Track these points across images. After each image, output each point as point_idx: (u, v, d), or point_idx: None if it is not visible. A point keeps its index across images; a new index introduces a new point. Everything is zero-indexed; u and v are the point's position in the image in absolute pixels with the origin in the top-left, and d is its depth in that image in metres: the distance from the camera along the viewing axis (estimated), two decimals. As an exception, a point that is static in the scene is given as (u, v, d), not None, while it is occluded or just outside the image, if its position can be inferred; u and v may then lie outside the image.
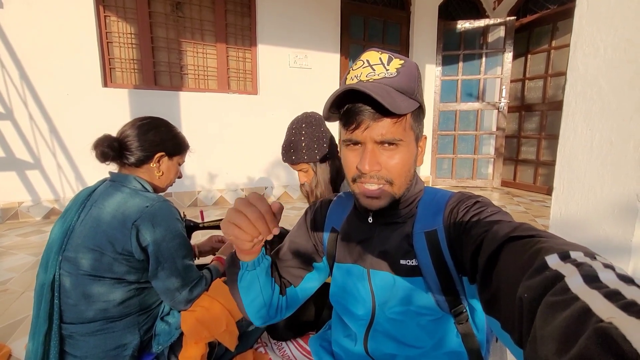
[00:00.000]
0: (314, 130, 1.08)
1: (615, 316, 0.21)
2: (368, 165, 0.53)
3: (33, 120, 2.75)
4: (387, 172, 0.54)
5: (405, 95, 0.52)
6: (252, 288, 0.62)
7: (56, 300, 0.80)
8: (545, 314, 0.27)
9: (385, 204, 0.56)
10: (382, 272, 0.60)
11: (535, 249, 0.34)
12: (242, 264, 0.61)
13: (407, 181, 0.57)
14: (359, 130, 0.53)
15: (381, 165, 0.54)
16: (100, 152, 0.86)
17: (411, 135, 0.55)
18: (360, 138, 0.53)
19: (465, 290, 0.56)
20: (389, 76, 0.52)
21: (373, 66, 0.53)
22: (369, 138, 0.52)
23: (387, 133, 0.52)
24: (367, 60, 0.54)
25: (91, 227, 0.82)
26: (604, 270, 0.27)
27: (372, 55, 0.54)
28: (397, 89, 0.51)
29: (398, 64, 0.53)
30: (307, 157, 1.08)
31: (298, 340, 1.09)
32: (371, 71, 0.52)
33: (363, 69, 0.53)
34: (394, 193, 0.56)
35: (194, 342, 0.87)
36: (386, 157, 0.54)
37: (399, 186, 0.56)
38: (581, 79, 1.19)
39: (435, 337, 0.59)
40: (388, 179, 0.54)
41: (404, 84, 0.52)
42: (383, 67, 0.53)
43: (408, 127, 0.54)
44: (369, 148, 0.53)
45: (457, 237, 0.53)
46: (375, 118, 0.51)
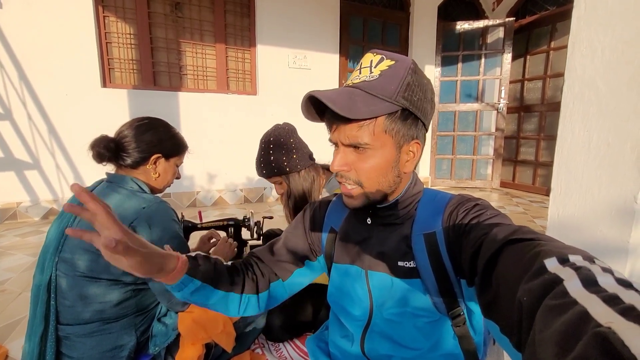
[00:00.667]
0: (282, 142, 1.09)
1: (614, 321, 0.21)
2: (336, 165, 0.55)
3: (32, 120, 2.75)
4: (355, 174, 0.55)
5: (377, 98, 0.51)
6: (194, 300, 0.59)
7: (52, 302, 0.80)
8: (544, 318, 0.27)
9: (359, 204, 0.57)
10: (380, 274, 0.60)
11: (534, 252, 0.34)
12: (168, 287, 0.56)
13: (381, 185, 0.56)
14: (332, 132, 0.56)
15: (350, 166, 0.55)
16: (97, 153, 0.86)
17: (386, 139, 0.53)
18: (335, 139, 0.56)
19: (463, 292, 0.56)
20: (369, 79, 0.53)
21: (362, 69, 0.55)
22: (339, 140, 0.55)
23: (351, 136, 0.53)
24: (361, 63, 0.56)
25: (87, 228, 0.82)
26: (603, 274, 0.27)
27: (367, 57, 0.55)
28: (370, 91, 0.51)
29: (386, 66, 0.53)
30: (277, 170, 1.10)
31: (295, 341, 1.09)
32: (358, 74, 0.55)
33: (355, 72, 0.56)
34: (367, 195, 0.56)
35: (191, 343, 0.87)
36: (355, 159, 0.55)
37: (369, 189, 0.56)
38: (579, 80, 1.19)
39: (432, 339, 0.59)
40: (356, 180, 0.56)
41: (382, 87, 0.51)
42: (369, 69, 0.54)
43: (379, 131, 0.52)
44: (341, 149, 0.56)
45: (456, 239, 0.53)
46: (344, 121, 0.52)
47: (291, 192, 1.11)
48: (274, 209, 3.34)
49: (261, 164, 1.12)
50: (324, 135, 1.21)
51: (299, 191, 1.11)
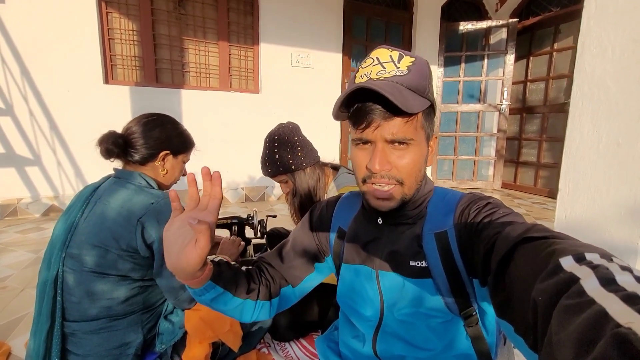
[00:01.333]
0: (286, 140, 1.09)
1: (634, 321, 0.21)
2: (378, 164, 0.51)
3: (33, 116, 2.73)
4: (397, 172, 0.53)
5: (416, 94, 0.51)
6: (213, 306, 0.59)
7: (59, 298, 0.79)
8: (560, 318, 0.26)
9: (395, 205, 0.55)
10: (391, 274, 0.59)
11: (549, 251, 0.33)
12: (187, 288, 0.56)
13: (417, 181, 0.56)
14: (369, 129, 0.51)
15: (391, 164, 0.52)
16: (105, 149, 0.85)
17: (422, 134, 0.54)
18: (371, 137, 0.52)
19: (475, 292, 0.55)
20: (400, 74, 0.51)
21: (383, 64, 0.52)
22: (379, 137, 0.51)
23: (398, 132, 0.51)
24: (377, 57, 0.53)
25: (95, 223, 0.81)
26: (622, 272, 0.27)
27: (383, 52, 0.53)
28: (409, 87, 0.51)
29: (409, 62, 0.52)
30: (283, 169, 1.10)
31: (301, 341, 1.08)
32: (382, 69, 0.51)
33: (373, 66, 0.52)
34: (404, 194, 0.55)
35: (198, 342, 0.86)
36: (396, 157, 0.52)
37: (409, 186, 0.55)
38: (588, 79, 1.18)
39: (445, 339, 0.58)
40: (398, 178, 0.53)
41: (415, 82, 0.51)
42: (394, 64, 0.52)
43: (419, 126, 0.53)
44: (379, 147, 0.52)
45: (468, 238, 0.52)
46: (386, 117, 0.50)
47: (297, 190, 1.11)
48: (275, 207, 3.33)
49: (266, 163, 1.11)
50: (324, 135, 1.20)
51: (304, 189, 1.10)
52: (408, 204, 0.58)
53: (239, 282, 0.60)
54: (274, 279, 0.68)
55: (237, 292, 0.59)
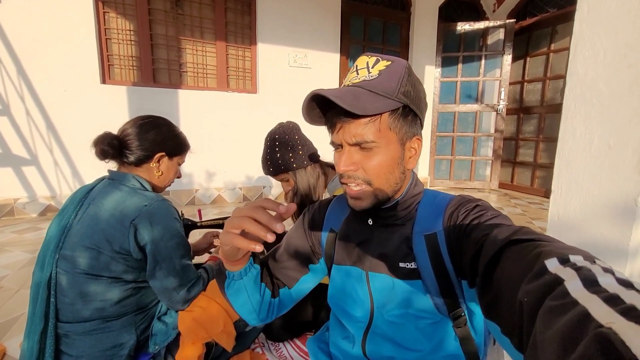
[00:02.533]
0: (287, 139, 1.11)
1: (614, 321, 0.21)
2: (343, 165, 0.54)
3: (30, 116, 2.73)
4: (363, 173, 0.55)
5: (380, 96, 0.52)
6: (239, 295, 0.62)
7: (52, 299, 0.79)
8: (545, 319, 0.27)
9: (368, 205, 0.56)
10: (381, 275, 0.60)
11: (535, 253, 0.34)
12: (228, 274, 0.61)
13: (389, 182, 0.56)
14: (335, 133, 0.55)
15: (357, 165, 0.55)
16: (100, 150, 0.85)
17: (390, 136, 0.54)
18: (338, 140, 0.55)
19: (464, 294, 0.56)
20: (369, 79, 0.53)
21: (359, 70, 0.55)
22: (343, 140, 0.54)
23: (357, 135, 0.52)
24: (357, 65, 0.56)
25: (89, 225, 0.82)
26: (604, 274, 0.27)
27: (362, 60, 0.56)
28: (372, 89, 0.52)
29: (383, 66, 0.54)
30: (284, 167, 1.11)
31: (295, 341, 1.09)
32: (355, 75, 0.55)
33: (351, 74, 0.56)
34: (376, 194, 0.56)
35: (191, 343, 0.87)
36: (362, 158, 0.55)
37: (378, 187, 0.55)
38: (580, 82, 1.19)
39: (433, 340, 0.59)
40: (365, 179, 0.55)
41: (383, 85, 0.52)
42: (366, 70, 0.54)
43: (384, 128, 0.53)
44: (346, 149, 0.55)
45: (457, 240, 0.52)
46: (346, 120, 0.53)
47: (297, 188, 1.12)
48: (273, 207, 3.33)
49: (268, 162, 1.12)
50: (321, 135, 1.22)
51: (304, 188, 1.12)
52: (398, 205, 0.59)
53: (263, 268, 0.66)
54: (272, 280, 0.69)
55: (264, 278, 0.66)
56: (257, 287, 0.63)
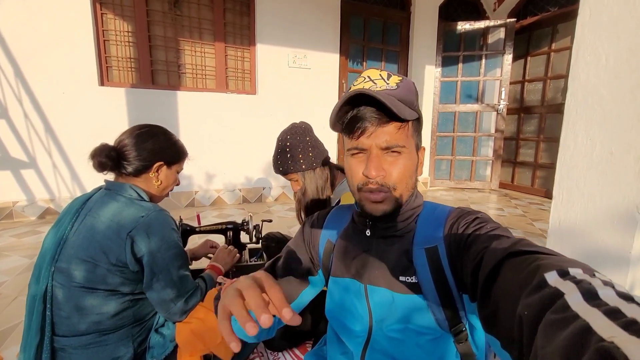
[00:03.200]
0: (298, 140, 1.12)
1: (616, 335, 0.21)
2: (374, 170, 0.53)
3: (28, 118, 2.72)
4: (390, 179, 0.55)
5: (406, 106, 0.54)
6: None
7: (48, 312, 0.79)
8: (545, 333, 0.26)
9: (389, 209, 0.56)
10: (381, 289, 0.59)
11: (535, 266, 0.34)
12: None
13: (408, 188, 0.58)
14: (363, 137, 0.54)
15: (385, 171, 0.55)
16: (98, 163, 0.85)
17: (412, 143, 0.57)
18: (365, 145, 0.54)
19: (465, 308, 0.55)
20: (390, 89, 0.53)
21: (374, 81, 0.55)
22: (373, 144, 0.54)
23: (391, 139, 0.53)
24: (369, 76, 0.56)
25: (85, 237, 0.81)
26: (604, 287, 0.27)
27: (373, 72, 0.57)
28: (399, 99, 0.53)
29: (397, 80, 0.56)
30: (293, 168, 1.12)
31: (294, 350, 1.08)
32: (373, 84, 0.54)
33: (365, 83, 0.55)
34: (397, 198, 0.57)
35: (189, 355, 0.86)
36: (389, 164, 0.55)
37: (400, 192, 0.56)
38: (582, 87, 1.18)
39: (434, 356, 0.58)
40: (391, 184, 0.55)
41: (404, 96, 0.54)
42: (384, 81, 0.55)
43: (410, 135, 0.56)
44: (374, 153, 0.54)
45: (457, 253, 0.52)
46: (381, 124, 0.53)
47: (306, 189, 1.13)
48: (272, 209, 3.33)
49: (278, 162, 1.14)
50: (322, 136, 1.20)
51: (312, 189, 1.13)
52: (398, 216, 0.58)
53: None
54: None
55: None
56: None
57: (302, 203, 1.16)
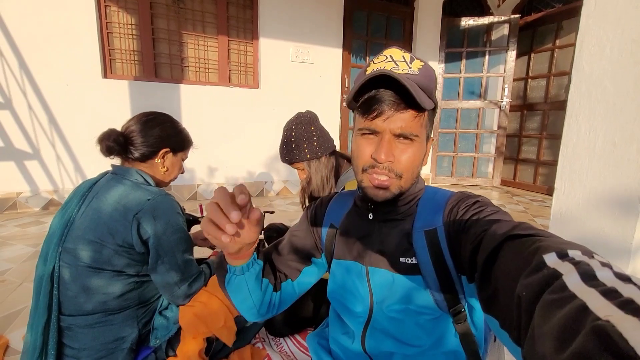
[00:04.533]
0: (303, 130, 1.12)
1: (612, 314, 0.21)
2: (384, 154, 0.53)
3: (32, 110, 2.73)
4: (397, 165, 0.55)
5: (425, 94, 0.53)
6: (240, 291, 0.61)
7: (55, 292, 0.80)
8: (543, 312, 0.27)
9: (391, 196, 0.56)
10: (381, 270, 0.60)
11: (534, 248, 0.34)
12: (229, 268, 0.60)
13: (413, 177, 0.57)
14: (379, 119, 0.53)
15: (394, 157, 0.54)
16: (106, 147, 0.86)
17: (424, 133, 0.56)
18: (379, 127, 0.53)
19: (464, 289, 0.56)
20: (412, 73, 0.52)
21: (397, 62, 0.53)
22: (387, 129, 0.53)
23: (406, 127, 0.52)
24: (391, 55, 0.54)
25: (92, 219, 0.82)
26: (602, 268, 0.27)
27: (396, 52, 0.55)
28: (419, 85, 0.52)
29: (419, 65, 0.54)
30: (299, 157, 1.13)
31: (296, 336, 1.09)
32: (395, 66, 0.53)
33: (387, 62, 0.53)
34: (401, 186, 0.56)
35: (192, 337, 0.87)
36: (400, 151, 0.54)
37: (405, 180, 0.56)
38: (586, 79, 1.18)
39: (433, 336, 0.59)
40: (398, 172, 0.55)
41: (425, 83, 0.52)
42: (406, 64, 0.53)
43: (424, 124, 0.55)
44: (387, 138, 0.53)
45: (456, 236, 0.52)
46: (399, 109, 0.52)
47: (311, 178, 1.13)
48: (274, 203, 3.34)
49: (284, 151, 1.15)
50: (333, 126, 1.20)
51: (317, 178, 1.14)
52: (399, 200, 0.59)
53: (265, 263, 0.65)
54: (274, 274, 0.69)
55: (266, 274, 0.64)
56: (258, 283, 0.62)
57: (306, 192, 1.17)
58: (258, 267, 0.61)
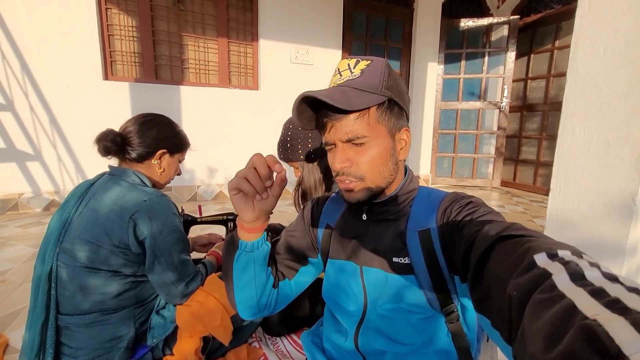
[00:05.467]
0: (299, 131, 1.13)
1: (599, 313, 0.22)
2: (338, 163, 0.55)
3: (34, 111, 2.75)
4: (357, 169, 0.56)
5: (366, 92, 0.53)
6: (246, 271, 0.62)
7: (53, 292, 0.81)
8: (532, 312, 0.27)
9: (363, 197, 0.57)
10: (375, 269, 0.60)
11: (525, 248, 0.35)
12: (240, 243, 0.62)
13: (383, 175, 0.57)
14: (327, 133, 0.56)
15: (351, 161, 0.56)
16: (103, 147, 0.87)
17: (380, 129, 0.55)
18: (330, 139, 0.56)
19: (456, 289, 0.56)
20: (352, 78, 0.55)
21: (341, 72, 0.57)
22: (336, 138, 0.56)
23: (349, 131, 0.54)
24: (338, 68, 0.58)
25: (89, 219, 0.83)
26: (590, 268, 0.28)
27: (343, 63, 0.58)
28: (358, 87, 0.54)
29: (364, 65, 0.56)
30: (292, 157, 1.13)
31: (292, 336, 1.10)
32: (339, 77, 0.57)
33: (334, 77, 0.58)
34: (369, 186, 0.57)
35: (189, 336, 0.88)
36: (355, 154, 0.56)
37: (372, 180, 0.57)
38: (580, 80, 1.18)
39: (425, 335, 0.59)
40: (358, 175, 0.56)
41: (367, 82, 0.54)
42: (349, 71, 0.56)
43: (373, 122, 0.55)
44: (339, 147, 0.56)
45: (449, 236, 0.53)
46: (337, 118, 0.54)
47: (303, 178, 1.13)
48: (274, 204, 3.34)
49: (280, 148, 1.16)
50: None
51: (308, 180, 1.13)
52: (392, 201, 0.60)
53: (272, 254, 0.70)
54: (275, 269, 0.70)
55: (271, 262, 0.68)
56: (264, 267, 0.64)
57: (298, 192, 1.17)
58: (267, 248, 0.63)
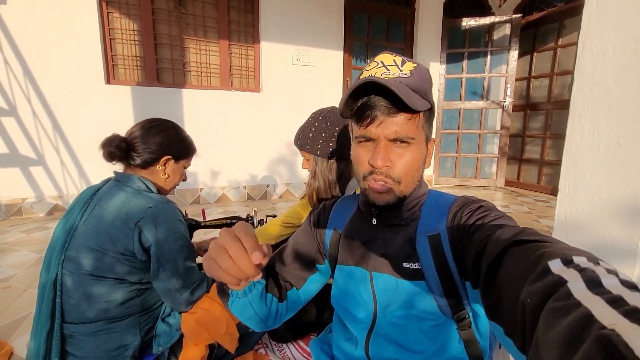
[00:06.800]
0: (327, 125, 1.08)
1: (617, 323, 0.21)
2: (381, 160, 0.52)
3: (36, 116, 2.76)
4: (394, 170, 0.54)
5: (418, 95, 0.52)
6: (245, 311, 0.60)
7: (58, 300, 0.80)
8: (547, 320, 0.26)
9: (392, 200, 0.56)
10: (385, 275, 0.59)
11: (538, 254, 0.33)
12: (231, 292, 0.58)
13: (414, 181, 0.57)
14: (372, 126, 0.53)
15: (392, 162, 0.54)
16: (108, 152, 0.86)
17: (422, 135, 0.55)
18: (374, 134, 0.53)
19: (468, 295, 0.55)
20: (404, 76, 0.52)
21: (388, 67, 0.53)
22: (382, 135, 0.53)
23: (400, 130, 0.52)
24: (382, 61, 0.54)
25: (94, 226, 0.82)
26: (607, 275, 0.27)
27: (386, 57, 0.55)
28: (412, 88, 0.52)
29: (411, 66, 0.54)
30: (309, 148, 1.09)
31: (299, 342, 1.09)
32: (386, 71, 0.53)
33: (377, 69, 0.53)
34: (401, 191, 0.56)
35: (194, 344, 0.87)
36: (397, 155, 0.54)
37: (405, 185, 0.55)
38: (589, 79, 1.17)
39: (437, 342, 0.58)
40: (396, 177, 0.54)
41: (418, 84, 0.52)
42: (397, 67, 0.53)
43: (420, 126, 0.54)
44: (382, 144, 0.53)
45: (460, 241, 0.52)
46: (391, 113, 0.51)
47: (315, 174, 1.10)
48: (277, 206, 3.34)
49: (300, 135, 1.11)
50: None
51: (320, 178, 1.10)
52: (402, 205, 0.59)
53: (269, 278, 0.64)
54: (280, 283, 0.68)
55: (270, 288, 0.63)
56: (263, 300, 0.61)
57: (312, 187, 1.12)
58: (261, 287, 0.59)
